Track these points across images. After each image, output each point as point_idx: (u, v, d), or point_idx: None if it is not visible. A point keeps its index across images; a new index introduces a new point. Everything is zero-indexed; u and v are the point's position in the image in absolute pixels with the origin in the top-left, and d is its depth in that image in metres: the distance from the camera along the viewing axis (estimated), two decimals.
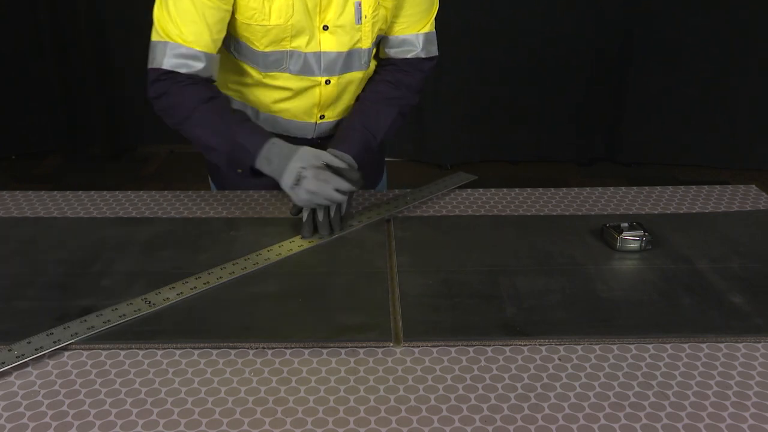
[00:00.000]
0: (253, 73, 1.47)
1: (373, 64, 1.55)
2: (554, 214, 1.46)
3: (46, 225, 1.41)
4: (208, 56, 1.37)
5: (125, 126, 4.01)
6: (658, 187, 1.58)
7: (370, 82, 1.54)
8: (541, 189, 1.57)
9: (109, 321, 1.08)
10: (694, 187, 1.58)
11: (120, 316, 1.09)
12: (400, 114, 1.53)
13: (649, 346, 1.03)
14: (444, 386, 0.96)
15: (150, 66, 1.37)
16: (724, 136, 3.74)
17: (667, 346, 1.03)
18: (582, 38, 3.65)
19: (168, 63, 1.35)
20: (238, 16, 1.38)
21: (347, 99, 1.53)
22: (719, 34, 3.55)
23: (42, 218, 1.43)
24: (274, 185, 1.37)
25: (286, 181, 1.31)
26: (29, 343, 1.03)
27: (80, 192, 1.55)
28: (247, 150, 1.33)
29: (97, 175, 3.85)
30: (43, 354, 1.01)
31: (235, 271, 1.22)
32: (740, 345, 1.04)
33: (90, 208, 1.48)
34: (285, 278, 1.21)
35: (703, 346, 1.03)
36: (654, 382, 0.96)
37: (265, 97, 1.50)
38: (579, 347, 1.03)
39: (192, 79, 1.36)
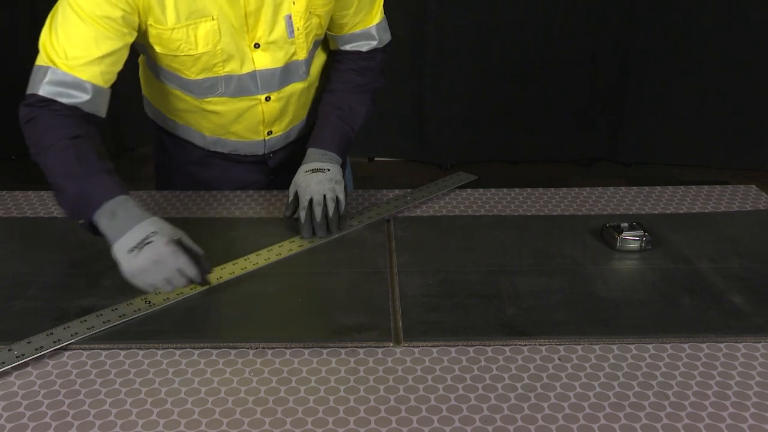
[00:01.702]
0: (190, 99, 1.43)
1: (316, 71, 1.51)
2: (554, 214, 1.46)
3: (46, 225, 1.41)
4: (95, 89, 1.24)
5: (125, 126, 4.00)
6: (658, 187, 1.58)
7: (336, 72, 1.51)
8: (541, 189, 1.57)
9: (109, 321, 1.08)
10: (694, 187, 1.57)
11: (120, 316, 1.09)
12: (371, 101, 1.52)
13: (649, 346, 1.03)
14: (444, 386, 0.96)
15: (27, 91, 1.26)
16: (724, 136, 3.73)
17: (667, 346, 1.03)
18: (582, 38, 3.64)
19: (45, 90, 1.22)
20: (159, 50, 1.33)
21: (292, 111, 1.50)
22: (720, 34, 3.55)
23: (42, 218, 1.43)
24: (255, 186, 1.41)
25: (125, 242, 1.10)
26: (29, 342, 1.03)
27: None
28: (92, 197, 1.15)
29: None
30: (43, 354, 1.01)
31: (234, 270, 1.22)
32: (740, 345, 1.04)
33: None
34: (285, 278, 1.21)
35: (703, 346, 1.03)
36: (654, 382, 0.96)
37: (207, 121, 1.47)
38: (579, 347, 1.03)
39: (70, 111, 1.22)
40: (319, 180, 1.36)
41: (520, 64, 3.61)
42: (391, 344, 1.04)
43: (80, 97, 1.23)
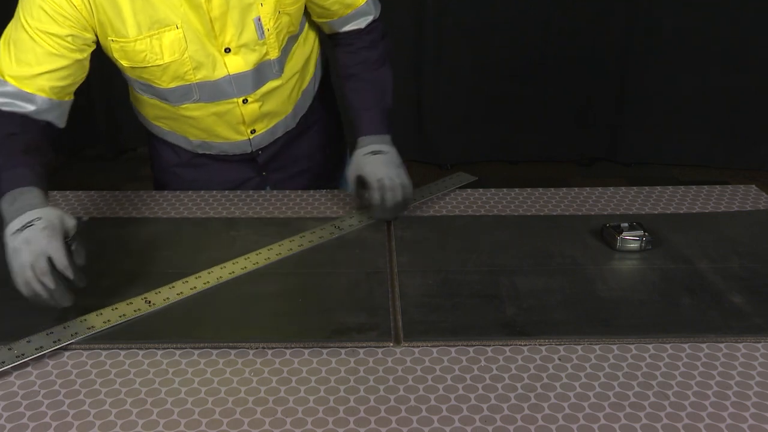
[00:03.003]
0: (167, 107, 1.43)
1: (298, 65, 1.50)
2: (554, 214, 1.46)
3: None
4: (43, 101, 1.26)
5: (125, 126, 4.00)
6: (658, 187, 1.57)
7: (348, 55, 1.51)
8: (541, 189, 1.57)
9: (109, 321, 1.08)
10: (694, 187, 1.57)
11: (120, 316, 1.09)
12: (390, 67, 1.53)
13: (649, 346, 1.03)
14: (444, 386, 0.96)
15: None
16: (724, 136, 3.73)
17: (667, 346, 1.03)
18: (582, 38, 3.64)
19: None
20: (126, 63, 1.33)
21: (273, 108, 1.49)
22: (720, 34, 3.55)
23: None
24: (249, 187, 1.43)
25: (13, 225, 1.09)
26: (29, 342, 1.03)
27: (80, 192, 1.55)
28: (2, 186, 1.16)
29: (97, 175, 3.85)
30: (43, 354, 1.01)
31: (235, 270, 1.22)
32: (740, 345, 1.04)
33: (90, 208, 1.48)
34: (285, 278, 1.21)
35: (703, 346, 1.03)
36: (654, 382, 0.96)
37: (189, 126, 1.47)
38: (579, 347, 1.03)
39: (19, 118, 1.24)
40: (384, 162, 1.38)
41: (520, 63, 3.61)
42: (391, 344, 1.04)
43: (26, 107, 1.25)
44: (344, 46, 1.53)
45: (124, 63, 1.33)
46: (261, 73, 1.41)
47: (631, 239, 1.28)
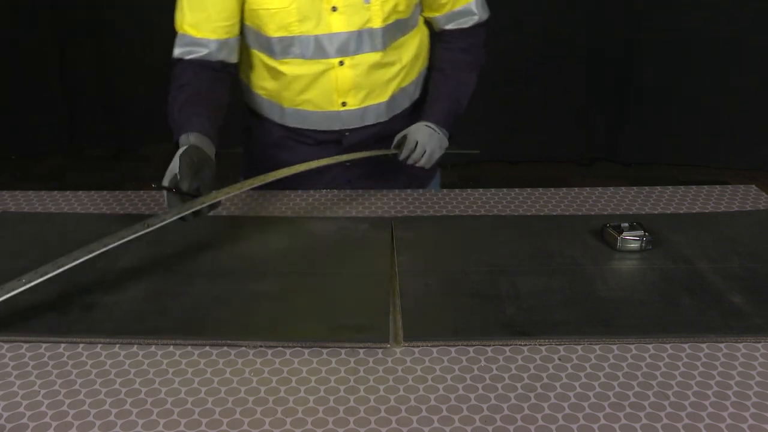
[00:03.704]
0: (269, 62, 1.51)
1: (398, 54, 1.55)
2: (554, 214, 1.46)
3: (53, 220, 1.42)
4: (213, 42, 1.46)
5: (125, 126, 4.01)
6: (658, 187, 1.58)
7: (443, 51, 1.61)
8: (541, 189, 1.57)
9: (107, 244, 1.12)
10: (694, 187, 1.58)
11: (120, 237, 1.14)
12: (477, 76, 1.62)
13: (649, 346, 1.03)
14: (444, 386, 0.96)
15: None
16: (724, 136, 3.74)
17: (667, 346, 1.03)
18: (582, 38, 3.65)
19: (176, 52, 1.48)
20: (246, 5, 1.46)
21: (368, 83, 1.53)
22: (720, 35, 3.55)
23: (50, 213, 1.45)
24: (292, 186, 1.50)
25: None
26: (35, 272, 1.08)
27: (80, 192, 1.55)
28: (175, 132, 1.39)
29: (98, 175, 3.85)
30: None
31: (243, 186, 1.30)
32: (740, 345, 1.04)
33: (90, 208, 1.48)
34: (285, 278, 1.21)
35: (703, 346, 1.03)
36: (654, 382, 0.96)
37: (284, 88, 1.53)
38: (579, 347, 1.03)
39: (199, 64, 1.46)
40: (430, 133, 1.52)
41: (520, 64, 3.61)
42: (391, 344, 1.04)
43: (201, 51, 1.47)
44: (444, 42, 1.62)
45: (245, 5, 1.46)
46: (362, 38, 1.47)
47: (631, 239, 1.28)
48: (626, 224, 1.31)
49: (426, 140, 1.52)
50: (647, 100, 3.73)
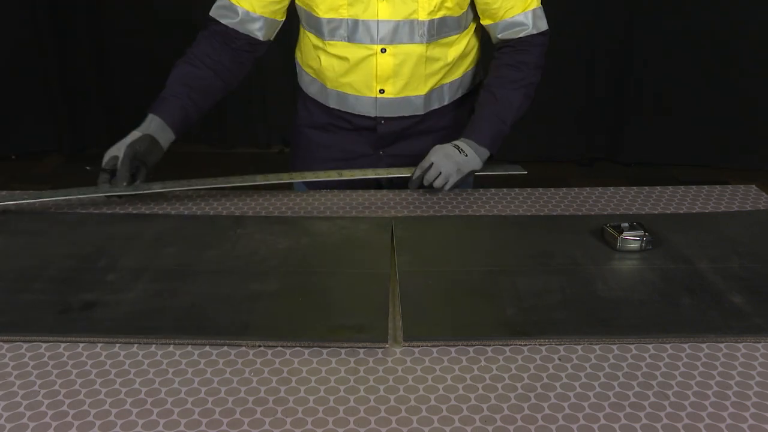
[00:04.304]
0: (318, 42, 1.57)
1: (445, 52, 1.57)
2: (554, 214, 1.46)
3: (56, 219, 1.42)
4: (245, 12, 1.54)
5: (125, 126, 4.00)
6: (658, 187, 1.58)
7: (492, 69, 1.61)
8: (541, 189, 1.57)
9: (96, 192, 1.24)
10: (694, 187, 1.58)
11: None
12: (526, 96, 1.59)
13: (649, 346, 1.03)
14: (444, 386, 0.96)
15: None
16: (724, 136, 3.74)
17: (667, 346, 1.03)
18: (582, 38, 3.64)
19: (213, 11, 1.57)
20: None
21: (407, 74, 1.55)
22: (720, 35, 3.55)
23: (52, 213, 1.45)
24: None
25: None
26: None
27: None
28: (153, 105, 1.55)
29: (98, 175, 3.85)
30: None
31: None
32: (740, 345, 1.04)
33: (90, 208, 1.48)
34: (285, 278, 1.21)
35: (703, 346, 1.03)
36: (654, 382, 0.96)
37: (329, 69, 1.58)
38: (579, 347, 1.03)
39: (226, 35, 1.55)
40: (448, 154, 1.52)
41: None
42: (391, 344, 1.04)
43: (232, 19, 1.55)
44: (495, 59, 1.61)
45: None
46: (406, 28, 1.51)
47: (631, 239, 1.28)
48: (626, 224, 1.31)
49: (442, 162, 1.51)
50: (647, 100, 3.73)
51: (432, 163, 1.51)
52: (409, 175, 1.54)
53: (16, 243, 1.33)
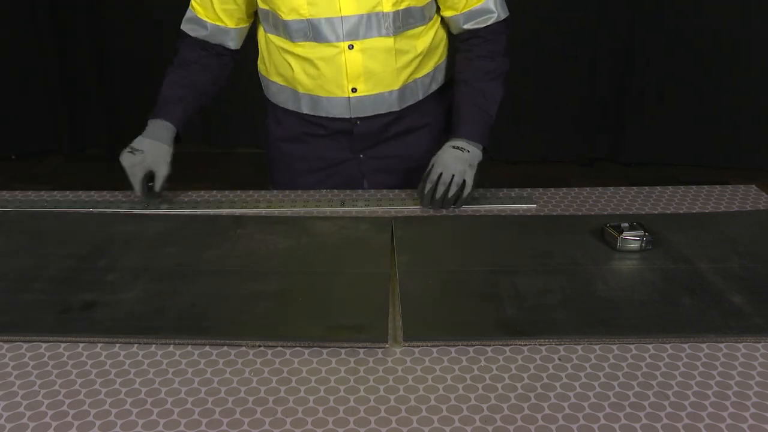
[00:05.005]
0: (284, 45, 1.54)
1: (419, 43, 1.55)
2: (554, 214, 1.46)
3: (56, 219, 1.42)
4: (213, 26, 1.57)
5: (125, 126, 4.00)
6: (658, 187, 1.58)
7: (465, 61, 1.58)
8: (541, 189, 1.57)
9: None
10: (694, 187, 1.58)
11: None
12: (502, 84, 1.58)
13: (649, 346, 1.03)
14: (444, 386, 0.96)
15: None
16: (724, 136, 3.74)
17: (667, 346, 1.03)
18: (583, 38, 3.64)
19: (183, 25, 1.60)
20: None
21: (378, 69, 1.53)
22: (720, 35, 3.55)
23: (52, 213, 1.45)
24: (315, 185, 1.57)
25: (133, 143, 1.54)
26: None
27: (80, 192, 1.55)
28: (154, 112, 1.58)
29: (97, 175, 3.85)
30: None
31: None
32: (740, 345, 1.04)
33: (90, 208, 1.48)
34: (285, 278, 1.21)
35: (703, 346, 1.03)
36: (654, 382, 0.96)
37: (298, 73, 1.55)
38: (579, 347, 1.03)
39: (200, 43, 1.58)
40: (455, 156, 1.47)
41: (520, 63, 3.60)
42: (391, 344, 1.04)
43: (201, 32, 1.58)
44: (464, 51, 1.59)
45: None
46: (371, 22, 1.48)
47: (631, 239, 1.28)
48: (626, 224, 1.31)
49: (450, 165, 1.45)
50: (647, 100, 3.73)
51: (440, 173, 1.45)
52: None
53: (16, 243, 1.33)
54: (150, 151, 1.50)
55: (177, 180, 1.52)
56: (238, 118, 3.91)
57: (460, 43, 1.60)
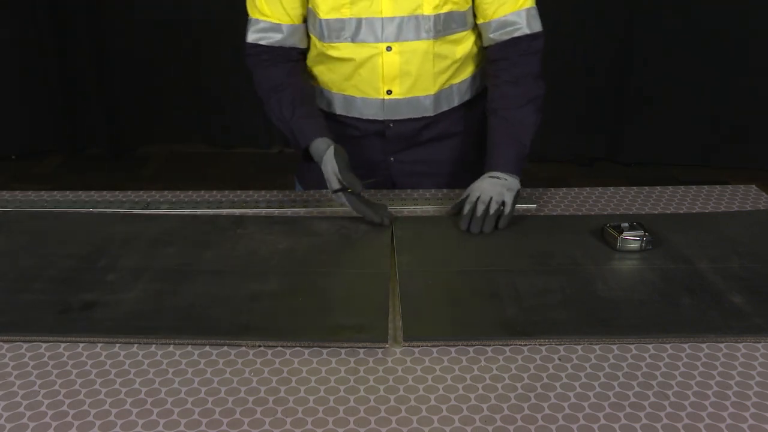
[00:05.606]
0: (319, 45, 1.52)
1: (459, 49, 1.53)
2: (554, 214, 1.46)
3: (56, 219, 1.42)
4: (286, 27, 1.51)
5: (125, 126, 4.01)
6: (658, 187, 1.58)
7: (492, 88, 1.54)
8: (541, 189, 1.57)
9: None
10: (694, 187, 1.58)
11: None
12: (536, 110, 1.52)
13: (649, 346, 1.03)
14: (444, 386, 0.96)
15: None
16: (724, 136, 3.74)
17: (667, 346, 1.03)
18: (582, 38, 3.64)
19: (251, 37, 1.54)
20: None
21: (414, 73, 1.51)
22: (720, 34, 3.55)
23: (52, 213, 1.45)
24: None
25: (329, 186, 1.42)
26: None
27: (80, 192, 1.55)
28: (299, 139, 1.49)
29: (97, 175, 3.85)
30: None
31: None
32: (740, 345, 1.04)
33: (90, 208, 1.48)
34: (285, 278, 1.21)
35: (703, 346, 1.03)
36: (654, 382, 0.96)
37: (332, 72, 1.55)
38: (579, 347, 1.03)
39: (273, 53, 1.53)
40: (491, 182, 1.42)
41: None
42: (391, 344, 1.04)
43: (276, 37, 1.53)
44: (491, 77, 1.55)
45: None
46: (411, 24, 1.47)
47: (631, 239, 1.28)
48: (626, 224, 1.31)
49: (487, 189, 1.40)
50: (647, 100, 3.73)
51: (479, 195, 1.40)
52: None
53: (16, 243, 1.33)
54: (330, 175, 1.40)
55: (177, 180, 1.52)
56: (238, 118, 3.92)
57: (489, 66, 1.56)
